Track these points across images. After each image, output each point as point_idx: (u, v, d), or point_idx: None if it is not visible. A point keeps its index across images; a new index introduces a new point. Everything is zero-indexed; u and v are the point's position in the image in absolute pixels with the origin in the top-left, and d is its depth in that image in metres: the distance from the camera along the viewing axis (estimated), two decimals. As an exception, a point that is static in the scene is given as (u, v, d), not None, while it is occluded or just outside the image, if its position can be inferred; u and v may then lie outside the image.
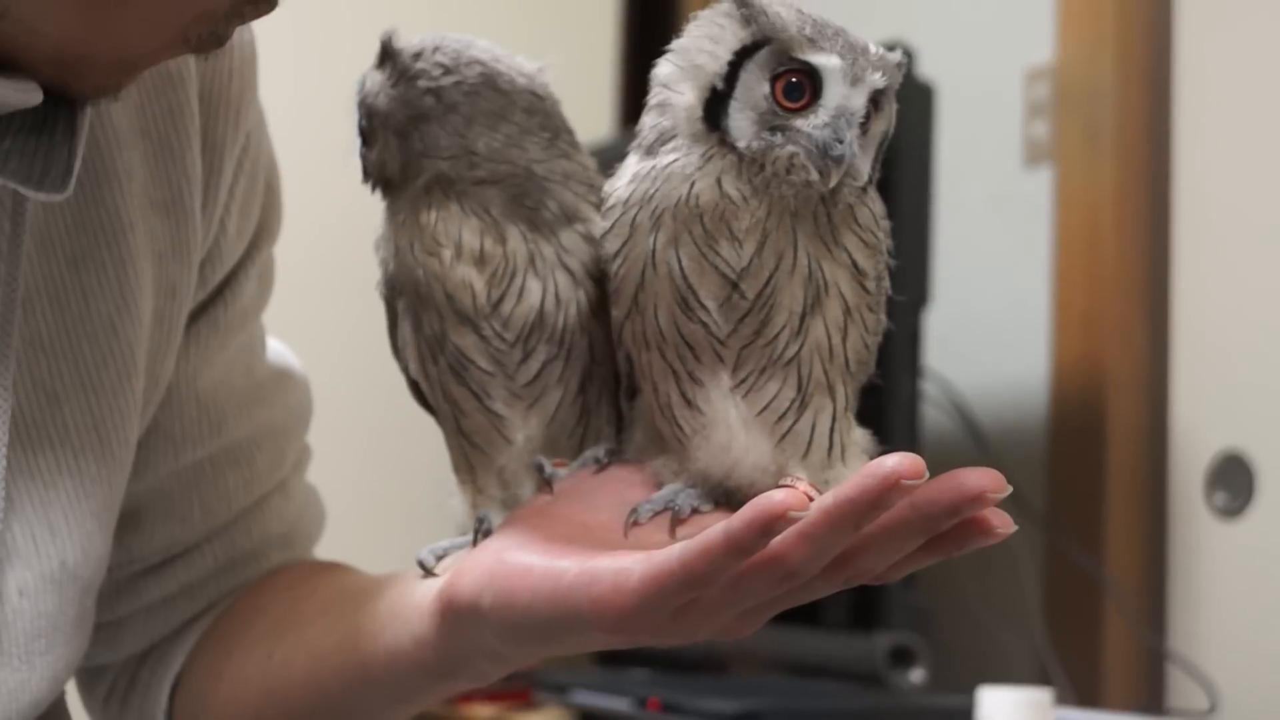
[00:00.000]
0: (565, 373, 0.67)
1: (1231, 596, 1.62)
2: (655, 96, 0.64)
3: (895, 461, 0.51)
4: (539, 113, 0.68)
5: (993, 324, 1.89)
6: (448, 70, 0.68)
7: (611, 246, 0.64)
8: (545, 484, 0.67)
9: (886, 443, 1.62)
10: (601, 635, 0.58)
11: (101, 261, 0.75)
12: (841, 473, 0.64)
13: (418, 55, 0.68)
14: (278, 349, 0.90)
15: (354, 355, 1.98)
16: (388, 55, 0.69)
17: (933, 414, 1.78)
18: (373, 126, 0.69)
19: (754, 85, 0.61)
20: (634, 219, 0.62)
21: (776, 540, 0.53)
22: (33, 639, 0.74)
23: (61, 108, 0.67)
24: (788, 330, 0.61)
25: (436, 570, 0.69)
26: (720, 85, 0.62)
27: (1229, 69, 1.67)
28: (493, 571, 0.62)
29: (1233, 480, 1.62)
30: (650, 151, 0.63)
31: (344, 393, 1.65)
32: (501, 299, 0.66)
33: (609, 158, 0.68)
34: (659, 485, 0.65)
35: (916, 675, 1.57)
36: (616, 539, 0.62)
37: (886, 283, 0.65)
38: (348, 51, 2.36)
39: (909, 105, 1.64)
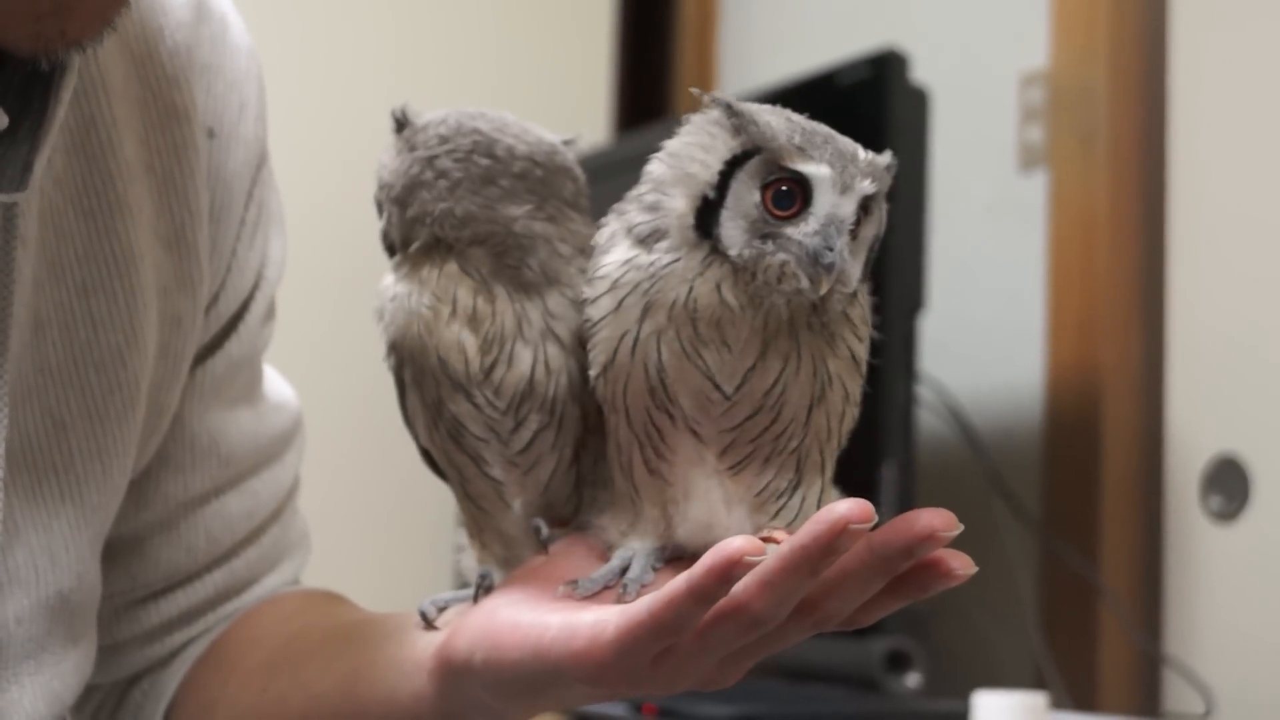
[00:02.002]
0: (558, 441, 0.69)
1: (1227, 600, 1.62)
2: (648, 195, 0.64)
3: (845, 508, 0.53)
4: (530, 178, 0.69)
5: (988, 328, 1.89)
6: (444, 139, 0.69)
7: (595, 314, 0.64)
8: (542, 546, 0.69)
9: (882, 448, 1.62)
10: (584, 688, 0.60)
11: (113, 291, 0.76)
12: None
13: (424, 127, 0.70)
14: (272, 375, 0.91)
15: (333, 369, 1.98)
16: (399, 127, 0.71)
17: (928, 419, 1.79)
18: (380, 198, 0.71)
19: (745, 194, 0.62)
20: (622, 300, 0.63)
21: (739, 589, 0.55)
22: (21, 660, 0.75)
23: (32, 104, 0.67)
24: (795, 424, 0.62)
25: (437, 623, 0.70)
26: (711, 194, 0.62)
27: (1223, 72, 1.67)
28: (484, 629, 0.64)
29: (1228, 484, 1.62)
30: (644, 243, 0.63)
31: (326, 410, 1.64)
32: (493, 366, 0.68)
33: (605, 164, 0.69)
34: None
35: (912, 680, 1.57)
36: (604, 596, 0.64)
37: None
38: (345, 61, 2.36)
39: (904, 110, 1.65)
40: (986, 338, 1.89)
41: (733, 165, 0.62)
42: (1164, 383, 1.70)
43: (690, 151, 0.63)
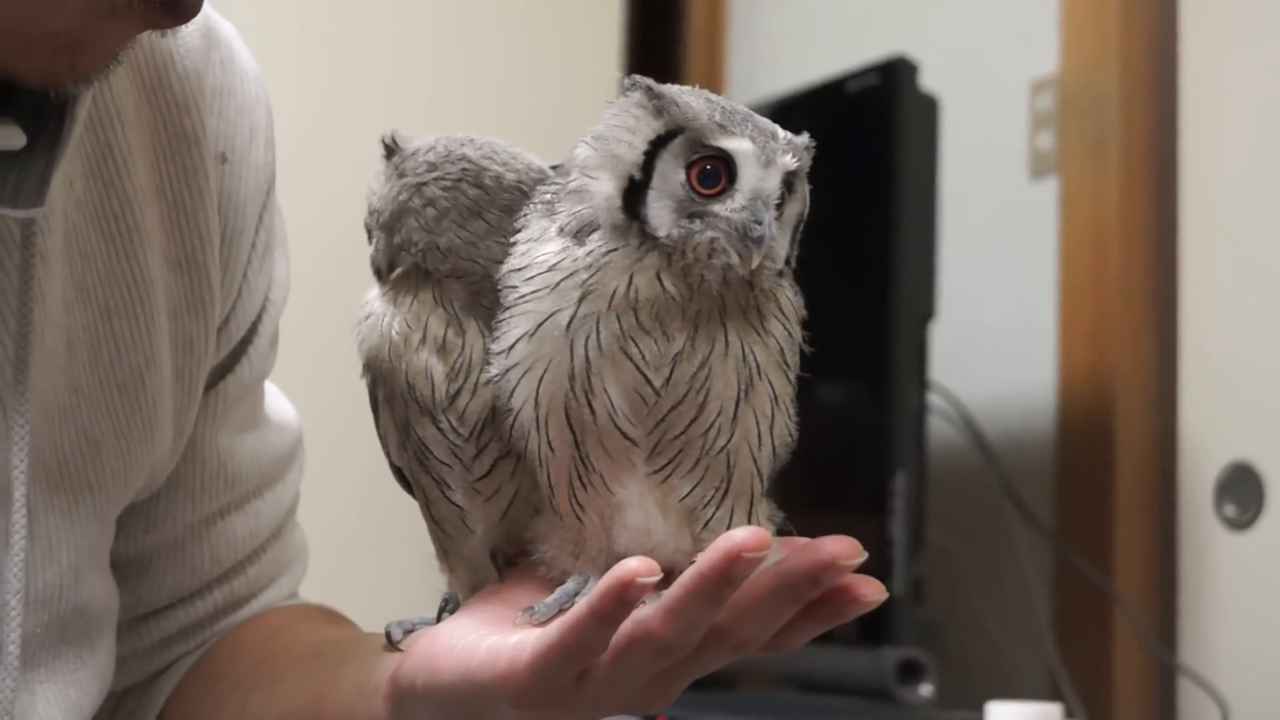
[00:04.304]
0: (517, 470, 0.69)
1: (1242, 608, 1.61)
2: (574, 182, 0.64)
3: (741, 535, 0.54)
4: (516, 211, 0.69)
5: (999, 336, 1.88)
6: (432, 166, 0.70)
7: (521, 296, 0.63)
8: (499, 572, 0.70)
9: (894, 457, 1.61)
10: (511, 710, 0.60)
11: (134, 314, 0.77)
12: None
13: (413, 154, 0.71)
14: (274, 393, 0.92)
15: (334, 384, 1.97)
16: (389, 153, 0.71)
17: (940, 427, 1.78)
18: (369, 223, 0.72)
19: (670, 174, 0.63)
20: (559, 284, 0.62)
21: (646, 615, 0.56)
22: (32, 669, 0.75)
23: (48, 123, 0.68)
24: (723, 418, 0.62)
25: (401, 645, 0.71)
26: (638, 176, 0.62)
27: (1234, 78, 1.67)
28: (426, 652, 0.65)
29: (1242, 491, 1.61)
30: (576, 237, 0.63)
31: (328, 425, 1.64)
32: (458, 394, 0.68)
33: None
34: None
35: (925, 690, 1.56)
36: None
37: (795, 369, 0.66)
38: (348, 66, 2.34)
39: (914, 117, 1.64)
40: (998, 345, 1.88)
41: (657, 146, 0.63)
42: (1177, 389, 1.69)
43: (615, 134, 0.64)
